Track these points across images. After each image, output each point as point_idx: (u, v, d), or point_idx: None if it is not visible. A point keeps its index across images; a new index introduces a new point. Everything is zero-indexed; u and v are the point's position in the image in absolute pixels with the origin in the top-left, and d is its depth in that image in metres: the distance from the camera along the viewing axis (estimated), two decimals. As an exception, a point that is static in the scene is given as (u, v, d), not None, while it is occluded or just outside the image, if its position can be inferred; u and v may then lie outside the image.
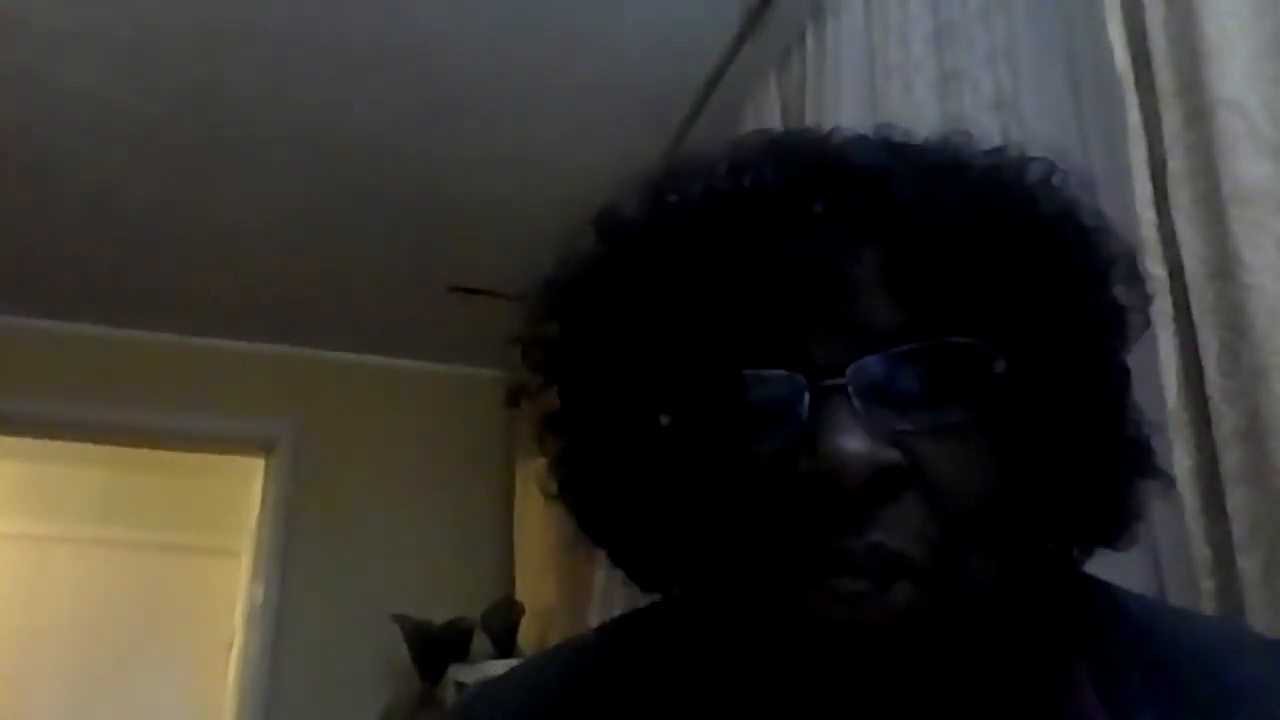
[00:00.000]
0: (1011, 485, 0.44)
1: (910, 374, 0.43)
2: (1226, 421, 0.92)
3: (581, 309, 0.49)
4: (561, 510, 0.53)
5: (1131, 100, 1.08)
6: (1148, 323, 0.50)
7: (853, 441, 0.41)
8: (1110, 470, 0.48)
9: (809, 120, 1.75)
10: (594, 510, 0.52)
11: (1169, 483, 0.49)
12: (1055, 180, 0.48)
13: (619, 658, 0.54)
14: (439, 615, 3.28)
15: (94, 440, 3.84)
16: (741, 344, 0.43)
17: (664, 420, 0.45)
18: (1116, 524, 0.50)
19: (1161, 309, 0.97)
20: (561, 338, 0.51)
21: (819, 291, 0.43)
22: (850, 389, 0.42)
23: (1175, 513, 0.93)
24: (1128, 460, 0.49)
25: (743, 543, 0.43)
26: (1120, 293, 0.48)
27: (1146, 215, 1.02)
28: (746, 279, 0.43)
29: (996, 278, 0.43)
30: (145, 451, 4.07)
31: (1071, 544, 0.50)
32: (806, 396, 0.42)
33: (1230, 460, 0.91)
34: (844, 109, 1.65)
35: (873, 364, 0.42)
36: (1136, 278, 0.49)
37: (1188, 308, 0.97)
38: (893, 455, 0.41)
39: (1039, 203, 0.47)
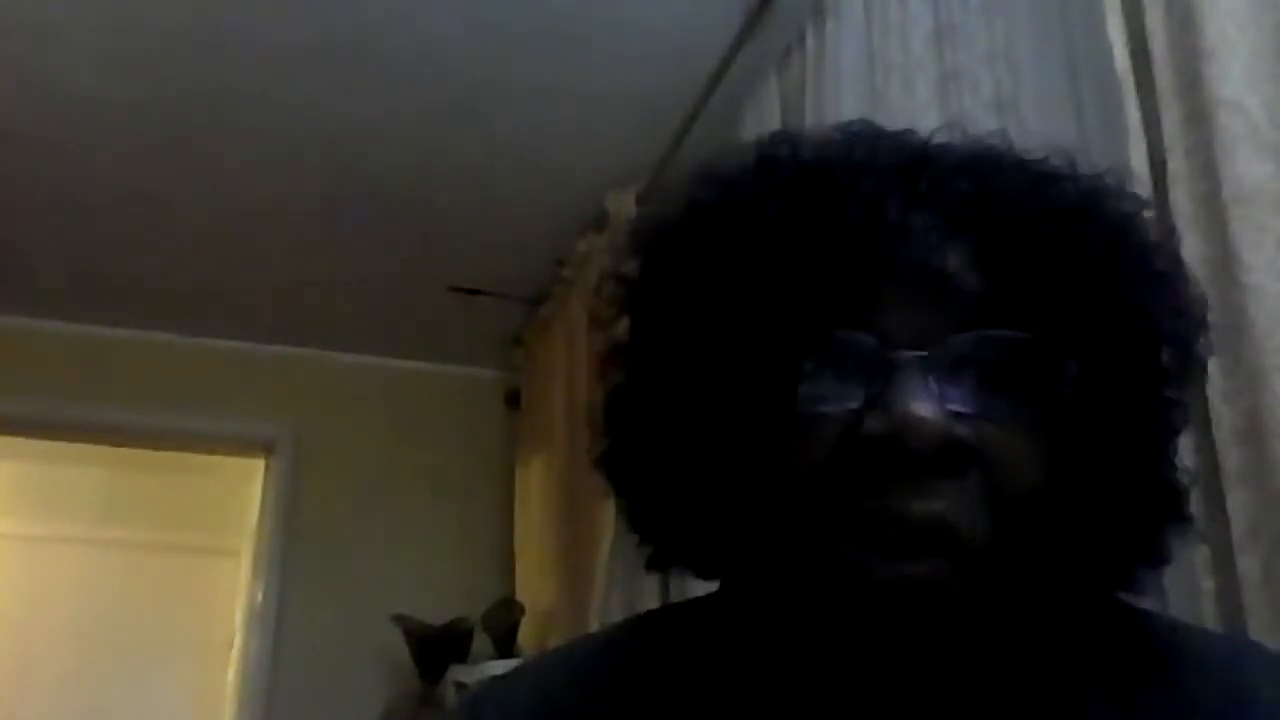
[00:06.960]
0: (1058, 490, 0.45)
1: (987, 360, 0.44)
2: (1226, 421, 0.92)
3: (684, 248, 0.49)
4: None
5: (1131, 100, 1.08)
6: (1203, 368, 0.51)
7: (927, 407, 0.41)
8: (1150, 509, 0.48)
9: (809, 120, 1.75)
10: (641, 458, 0.51)
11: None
12: (1144, 216, 0.49)
13: (634, 658, 0.54)
14: (439, 615, 3.27)
15: (94, 440, 3.83)
16: (825, 302, 0.44)
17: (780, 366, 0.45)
18: (1144, 564, 0.49)
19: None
20: (655, 274, 0.51)
21: (910, 263, 0.44)
22: (928, 363, 0.43)
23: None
24: (1165, 503, 0.49)
25: (798, 498, 0.44)
26: (1193, 337, 0.49)
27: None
28: (843, 240, 0.44)
29: (1086, 288, 0.45)
30: (145, 451, 4.06)
31: (1099, 577, 0.49)
32: (884, 363, 0.43)
33: (1230, 460, 0.91)
34: (844, 109, 1.65)
35: (956, 343, 0.43)
36: (1205, 323, 0.49)
37: (1188, 308, 0.97)
38: (964, 430, 0.42)
39: (1132, 231, 0.48)
